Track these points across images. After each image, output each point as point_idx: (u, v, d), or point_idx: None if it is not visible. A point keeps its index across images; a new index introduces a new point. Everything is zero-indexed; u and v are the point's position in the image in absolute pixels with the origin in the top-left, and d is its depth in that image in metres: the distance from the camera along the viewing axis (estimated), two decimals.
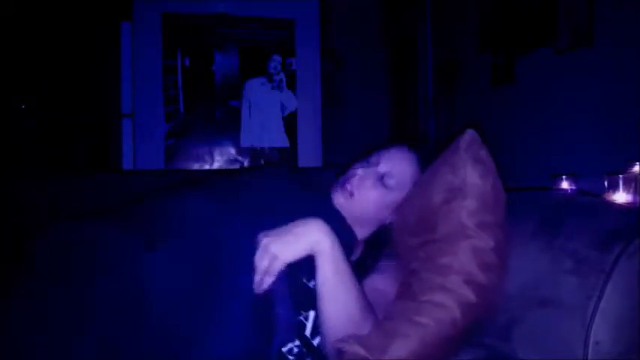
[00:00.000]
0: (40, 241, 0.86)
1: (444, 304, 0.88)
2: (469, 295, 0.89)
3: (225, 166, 2.70)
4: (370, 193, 1.08)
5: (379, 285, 1.01)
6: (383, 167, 1.10)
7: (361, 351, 0.84)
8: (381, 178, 1.08)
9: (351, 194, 1.07)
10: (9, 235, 0.95)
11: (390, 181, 1.08)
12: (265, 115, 2.76)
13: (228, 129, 2.72)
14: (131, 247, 0.86)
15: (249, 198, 1.01)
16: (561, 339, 0.84)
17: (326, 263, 0.86)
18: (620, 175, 1.20)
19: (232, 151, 2.73)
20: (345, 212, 1.09)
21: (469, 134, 1.00)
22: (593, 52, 1.61)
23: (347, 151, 2.73)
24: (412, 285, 0.94)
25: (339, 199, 1.08)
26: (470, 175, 0.95)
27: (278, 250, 0.83)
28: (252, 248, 0.85)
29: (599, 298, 0.79)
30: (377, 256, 1.10)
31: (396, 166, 1.10)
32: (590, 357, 0.79)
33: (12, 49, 2.32)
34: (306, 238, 0.85)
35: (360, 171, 1.08)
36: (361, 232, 1.12)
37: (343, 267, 0.88)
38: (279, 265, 0.83)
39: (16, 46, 2.34)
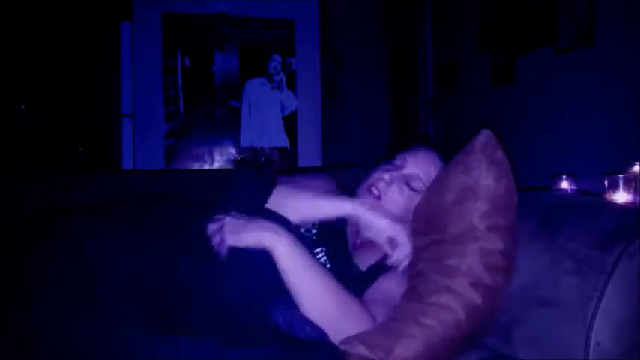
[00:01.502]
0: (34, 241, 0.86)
1: (450, 305, 0.88)
2: (475, 297, 0.89)
3: (225, 166, 2.70)
4: (397, 196, 1.06)
5: (387, 286, 1.01)
6: (409, 170, 1.08)
7: (366, 351, 0.84)
8: (408, 181, 1.07)
9: (378, 198, 1.06)
10: (8, 235, 0.94)
11: (417, 184, 1.07)
12: (265, 115, 2.76)
13: (228, 129, 2.72)
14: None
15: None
16: (562, 339, 0.84)
17: (280, 260, 0.88)
18: (620, 175, 1.20)
19: (232, 151, 2.73)
20: None
21: (485, 135, 0.99)
22: (593, 52, 1.60)
23: (347, 151, 2.76)
24: (418, 286, 0.94)
25: (366, 203, 1.06)
26: (484, 177, 0.94)
27: (228, 231, 0.88)
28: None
29: (600, 298, 0.79)
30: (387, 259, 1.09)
31: (423, 168, 1.08)
32: (590, 357, 0.79)
33: (12, 49, 2.32)
34: (253, 233, 0.89)
35: (386, 176, 1.06)
36: None
37: (303, 262, 0.89)
38: (224, 247, 0.88)
39: (16, 46, 2.34)
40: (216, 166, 2.69)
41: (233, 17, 2.72)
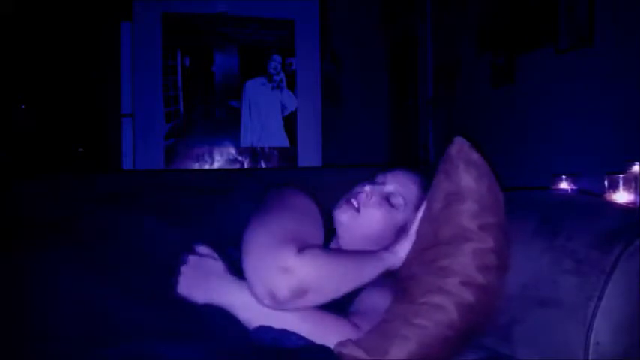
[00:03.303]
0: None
1: (442, 305, 0.89)
2: (467, 296, 0.89)
3: (225, 166, 2.70)
4: (376, 210, 1.06)
5: (370, 297, 1.01)
6: (389, 187, 1.09)
7: (361, 354, 0.84)
8: (388, 197, 1.07)
9: (357, 210, 1.06)
10: (8, 236, 0.94)
11: (397, 200, 1.07)
12: (265, 115, 2.76)
13: (228, 129, 2.72)
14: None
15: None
16: (561, 339, 0.84)
17: (238, 315, 0.88)
18: (620, 175, 1.20)
19: (232, 151, 2.73)
20: (348, 232, 1.07)
21: (457, 142, 1.02)
22: (593, 52, 1.60)
23: (347, 151, 2.76)
24: (409, 288, 0.94)
25: (343, 216, 1.06)
26: (463, 179, 0.96)
27: (183, 281, 0.90)
28: None
29: (600, 298, 0.79)
30: None
31: (403, 186, 1.09)
32: (590, 357, 0.79)
33: (12, 49, 2.32)
34: (204, 295, 0.89)
35: (367, 188, 1.07)
36: None
37: (261, 316, 0.87)
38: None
39: (17, 46, 2.34)
40: (216, 166, 2.69)
41: (233, 17, 2.72)
